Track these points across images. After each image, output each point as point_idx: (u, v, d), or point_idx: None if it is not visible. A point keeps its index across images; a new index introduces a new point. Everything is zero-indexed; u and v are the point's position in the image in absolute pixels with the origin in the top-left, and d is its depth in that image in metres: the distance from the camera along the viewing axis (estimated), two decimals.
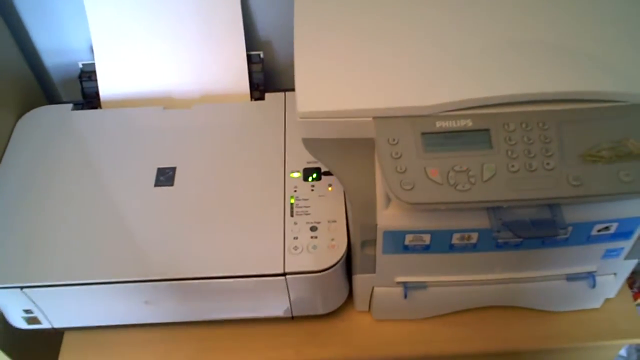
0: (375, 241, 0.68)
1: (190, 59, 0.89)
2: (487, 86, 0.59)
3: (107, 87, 0.90)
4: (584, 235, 0.67)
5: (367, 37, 0.66)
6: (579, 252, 0.70)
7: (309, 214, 0.75)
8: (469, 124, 0.59)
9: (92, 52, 0.90)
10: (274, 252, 0.71)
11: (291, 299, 0.76)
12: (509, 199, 0.58)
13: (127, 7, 0.87)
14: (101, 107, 0.91)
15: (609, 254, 0.71)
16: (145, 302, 0.75)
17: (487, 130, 0.59)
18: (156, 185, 0.78)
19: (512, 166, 0.58)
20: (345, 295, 0.81)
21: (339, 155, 0.65)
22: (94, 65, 0.90)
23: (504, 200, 0.58)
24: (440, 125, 0.59)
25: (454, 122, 0.59)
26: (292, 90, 0.84)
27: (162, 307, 0.76)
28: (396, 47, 0.64)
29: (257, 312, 0.80)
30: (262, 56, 0.91)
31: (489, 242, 0.67)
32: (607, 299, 0.82)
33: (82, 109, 0.90)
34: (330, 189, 0.77)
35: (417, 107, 0.59)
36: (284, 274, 0.71)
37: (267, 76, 0.93)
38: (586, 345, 0.82)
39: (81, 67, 0.92)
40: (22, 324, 0.80)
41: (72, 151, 0.83)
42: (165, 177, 0.79)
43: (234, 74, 0.89)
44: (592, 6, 0.67)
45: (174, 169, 0.79)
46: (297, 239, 0.72)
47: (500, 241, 0.67)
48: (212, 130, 0.84)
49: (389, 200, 0.64)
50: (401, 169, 0.59)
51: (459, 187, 0.58)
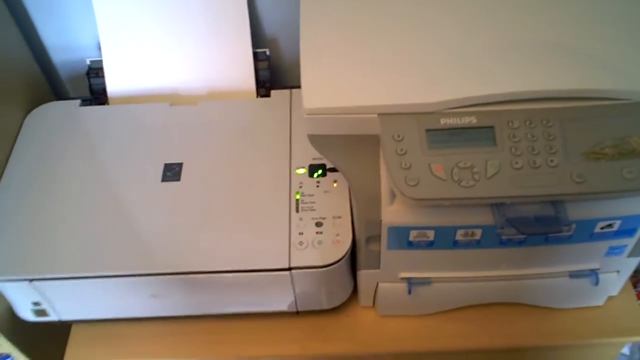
0: (379, 237, 0.69)
1: (196, 56, 0.90)
2: (491, 84, 0.60)
3: (114, 83, 0.91)
4: (587, 232, 0.67)
5: (372, 34, 0.66)
6: (582, 250, 0.71)
7: (314, 210, 0.75)
8: (473, 121, 0.59)
9: (99, 49, 0.90)
10: (280, 247, 0.72)
11: (296, 294, 0.76)
12: (513, 195, 0.58)
13: (134, 5, 0.88)
14: (108, 103, 0.91)
15: (612, 252, 0.71)
16: (151, 296, 0.76)
17: (492, 127, 0.59)
18: (163, 180, 0.79)
19: (516, 163, 0.58)
20: (349, 290, 0.82)
21: (345, 151, 0.65)
22: (101, 62, 0.90)
23: (508, 196, 0.58)
24: (444, 122, 0.59)
25: (459, 119, 0.59)
26: (297, 87, 0.84)
27: (168, 300, 0.77)
28: (401, 45, 0.65)
29: (262, 307, 0.80)
30: (268, 53, 0.92)
31: (492, 238, 0.68)
32: (610, 297, 0.82)
33: (89, 105, 0.90)
34: (335, 185, 0.77)
35: (422, 104, 0.60)
36: (289, 269, 0.71)
37: (273, 73, 0.93)
38: (589, 342, 0.82)
39: (89, 63, 0.93)
40: (30, 317, 0.80)
41: (79, 146, 0.83)
42: (172, 172, 0.79)
43: (240, 71, 0.90)
44: (596, 5, 0.67)
45: (180, 165, 0.80)
46: (302, 234, 0.73)
47: (503, 238, 0.68)
48: (219, 126, 0.84)
49: (393, 196, 0.65)
50: (406, 165, 0.59)
51: (463, 184, 0.58)
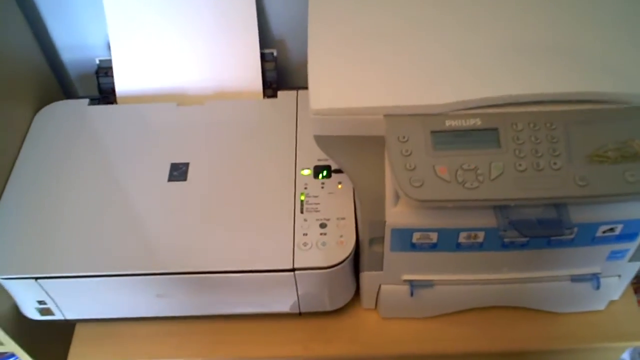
0: (383, 239, 0.69)
1: (204, 57, 0.90)
2: (496, 86, 0.60)
3: (123, 83, 0.91)
4: (589, 236, 0.67)
5: (379, 36, 0.66)
6: (584, 253, 0.71)
7: (319, 211, 0.75)
8: (477, 123, 0.60)
9: (109, 48, 0.91)
10: (284, 248, 0.72)
11: (299, 295, 0.77)
12: (516, 197, 0.58)
13: (144, 6, 0.88)
14: (117, 103, 0.92)
15: (614, 256, 0.71)
16: (156, 296, 0.76)
17: (496, 129, 0.59)
18: (169, 180, 0.79)
19: (520, 165, 0.58)
20: (352, 292, 0.82)
21: (350, 152, 0.65)
22: (110, 61, 0.91)
23: (511, 198, 0.59)
24: (449, 124, 0.60)
25: (463, 121, 0.60)
26: (304, 88, 0.84)
27: (173, 300, 0.77)
28: (407, 47, 0.65)
29: (265, 308, 0.80)
30: (275, 54, 0.92)
31: (495, 241, 0.68)
32: (612, 301, 0.82)
33: (98, 104, 0.91)
34: (339, 186, 0.78)
35: (427, 105, 0.60)
36: (293, 270, 0.71)
37: (280, 74, 0.93)
38: (590, 347, 0.82)
39: (98, 63, 0.93)
40: (35, 315, 0.81)
41: (87, 145, 0.84)
42: (178, 172, 0.80)
43: (247, 71, 0.90)
44: (600, 8, 0.67)
45: (187, 165, 0.80)
46: (306, 235, 0.73)
47: (506, 240, 0.68)
48: (225, 126, 0.85)
49: (397, 197, 0.65)
50: (410, 167, 0.59)
51: (467, 185, 0.58)
